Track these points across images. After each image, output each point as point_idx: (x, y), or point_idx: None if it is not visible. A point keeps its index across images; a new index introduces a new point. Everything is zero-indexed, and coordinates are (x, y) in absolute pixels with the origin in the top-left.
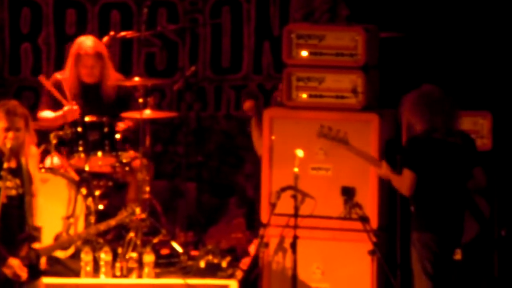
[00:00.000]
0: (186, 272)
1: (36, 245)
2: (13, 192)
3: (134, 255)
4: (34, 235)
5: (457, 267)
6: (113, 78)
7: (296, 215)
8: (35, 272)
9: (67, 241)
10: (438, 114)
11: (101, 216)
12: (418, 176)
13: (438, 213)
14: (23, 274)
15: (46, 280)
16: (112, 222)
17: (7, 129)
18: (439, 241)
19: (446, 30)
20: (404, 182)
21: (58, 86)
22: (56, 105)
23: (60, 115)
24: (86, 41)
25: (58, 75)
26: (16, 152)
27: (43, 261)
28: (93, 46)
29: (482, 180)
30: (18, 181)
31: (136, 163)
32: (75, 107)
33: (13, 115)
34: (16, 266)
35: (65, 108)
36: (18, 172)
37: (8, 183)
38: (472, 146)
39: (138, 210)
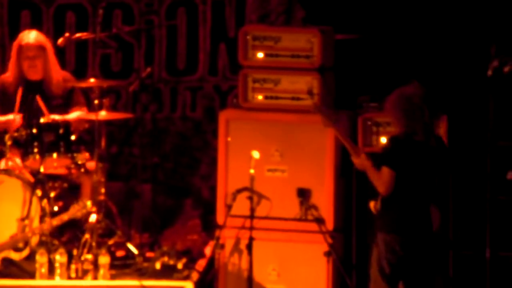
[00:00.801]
0: (142, 273)
1: None
2: None
3: (89, 256)
4: None
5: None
6: (59, 74)
7: (252, 216)
8: None
9: (21, 238)
10: (416, 121)
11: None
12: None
13: (408, 215)
14: None
15: (0, 282)
16: (65, 216)
17: None
18: (405, 244)
19: (402, 32)
20: (382, 180)
21: (3, 87)
22: (3, 109)
23: (2, 121)
24: (28, 33)
25: (2, 76)
26: None
27: None
28: (35, 37)
29: None
30: None
31: (91, 164)
32: (18, 117)
33: None
34: None
35: (10, 116)
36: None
37: None
38: (446, 151)
39: (89, 203)
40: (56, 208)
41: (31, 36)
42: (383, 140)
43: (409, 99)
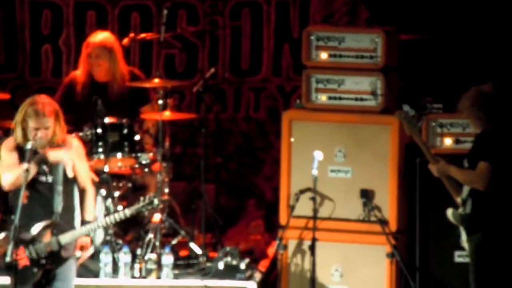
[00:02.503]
0: (205, 273)
1: (61, 234)
2: (42, 178)
3: (153, 256)
4: (59, 223)
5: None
6: (125, 77)
7: (315, 217)
8: (57, 259)
9: (88, 229)
10: (496, 118)
11: None
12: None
13: (507, 209)
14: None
15: None
16: (128, 212)
17: (37, 129)
18: (508, 240)
19: (466, 32)
20: (480, 175)
21: (72, 84)
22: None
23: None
24: (97, 34)
25: (74, 73)
26: (46, 146)
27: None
28: (100, 38)
29: None
30: (46, 169)
31: (156, 164)
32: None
33: (42, 116)
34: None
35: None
36: (47, 161)
37: (34, 168)
38: None
39: (155, 201)
40: (120, 208)
41: (98, 36)
42: (448, 141)
43: (489, 97)
